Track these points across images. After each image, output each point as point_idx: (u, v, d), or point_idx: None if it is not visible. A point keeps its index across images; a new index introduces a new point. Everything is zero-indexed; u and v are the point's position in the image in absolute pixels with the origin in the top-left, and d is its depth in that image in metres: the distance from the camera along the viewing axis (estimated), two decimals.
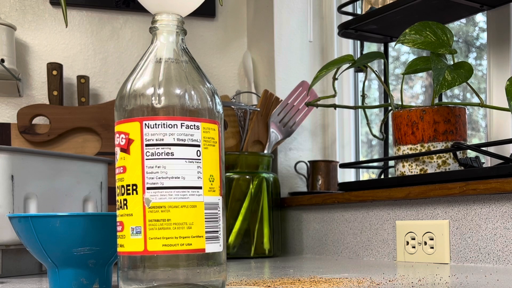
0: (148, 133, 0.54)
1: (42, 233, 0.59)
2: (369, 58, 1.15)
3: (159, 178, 0.54)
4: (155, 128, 0.54)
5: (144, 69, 0.56)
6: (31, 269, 0.95)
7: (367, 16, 1.24)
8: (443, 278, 0.74)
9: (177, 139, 0.54)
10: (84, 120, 1.42)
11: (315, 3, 1.58)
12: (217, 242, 0.56)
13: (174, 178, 0.54)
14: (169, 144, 0.54)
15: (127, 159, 0.55)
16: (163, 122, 0.54)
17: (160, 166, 0.54)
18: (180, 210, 0.54)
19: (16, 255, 0.93)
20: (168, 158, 0.54)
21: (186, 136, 0.55)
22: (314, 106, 1.29)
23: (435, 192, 0.98)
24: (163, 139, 0.54)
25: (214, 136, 0.57)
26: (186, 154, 0.55)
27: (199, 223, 0.55)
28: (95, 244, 0.61)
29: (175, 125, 0.54)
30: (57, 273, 0.62)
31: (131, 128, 0.55)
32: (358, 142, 1.58)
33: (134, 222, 0.54)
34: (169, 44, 0.58)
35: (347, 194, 1.18)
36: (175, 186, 0.54)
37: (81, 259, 0.61)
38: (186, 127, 0.55)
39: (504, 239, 0.89)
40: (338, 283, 0.70)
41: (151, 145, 0.54)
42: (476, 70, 1.30)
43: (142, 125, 0.54)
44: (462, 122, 1.04)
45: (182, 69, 0.57)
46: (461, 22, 1.38)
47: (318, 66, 1.56)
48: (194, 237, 0.55)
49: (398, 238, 1.06)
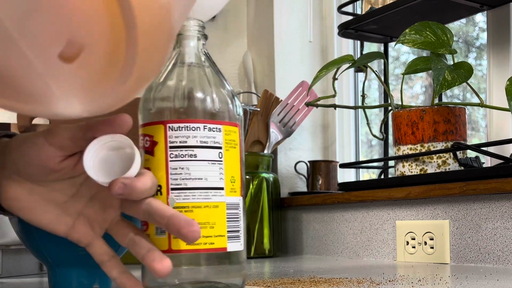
0: (172, 136, 0.56)
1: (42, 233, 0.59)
2: (369, 58, 1.15)
3: (183, 179, 0.56)
4: (179, 130, 0.56)
5: (167, 73, 0.58)
6: (31, 269, 0.95)
7: (367, 16, 1.24)
8: (443, 278, 0.74)
9: (200, 141, 0.56)
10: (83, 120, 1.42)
11: (315, 3, 1.58)
12: (238, 242, 0.58)
13: (197, 179, 0.56)
14: (192, 146, 0.56)
15: (151, 160, 0.57)
16: (186, 125, 0.56)
17: (183, 168, 0.56)
18: (203, 210, 0.56)
19: (16, 255, 0.93)
20: (192, 160, 0.56)
21: (208, 138, 0.56)
22: (314, 106, 1.29)
23: (435, 192, 0.98)
24: (186, 141, 0.56)
25: (235, 139, 0.59)
26: (208, 156, 0.56)
27: (221, 223, 0.57)
28: None
29: (198, 127, 0.56)
30: (57, 273, 0.62)
31: (155, 131, 0.56)
32: (358, 142, 1.58)
33: None
34: (191, 49, 0.59)
35: (347, 194, 1.18)
36: (198, 187, 0.56)
37: (81, 259, 0.61)
38: (209, 129, 0.56)
39: (504, 239, 0.89)
40: (338, 283, 0.70)
41: (175, 147, 0.56)
42: (476, 70, 1.30)
43: (166, 127, 0.56)
44: (462, 122, 1.04)
45: (204, 73, 0.58)
46: (461, 22, 1.38)
47: (318, 66, 1.56)
48: (216, 236, 0.56)
49: (398, 238, 1.06)
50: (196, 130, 0.56)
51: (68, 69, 0.38)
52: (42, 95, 0.40)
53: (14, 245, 0.90)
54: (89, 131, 0.51)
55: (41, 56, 0.37)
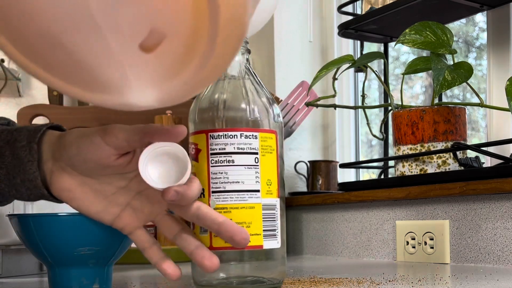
0: (212, 143, 0.62)
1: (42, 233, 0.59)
2: (369, 58, 1.15)
3: (222, 183, 0.61)
4: (218, 138, 0.62)
5: (214, 85, 0.64)
6: (31, 269, 0.95)
7: (367, 16, 1.24)
8: (443, 278, 0.74)
9: (237, 148, 0.62)
10: (84, 120, 1.42)
11: (315, 3, 1.58)
12: (274, 240, 0.63)
13: (235, 183, 0.61)
14: (230, 153, 0.61)
15: (196, 166, 0.63)
16: (225, 133, 0.62)
17: (222, 172, 0.61)
18: (240, 211, 0.61)
19: (16, 255, 0.93)
20: (229, 165, 0.61)
21: (245, 145, 0.62)
22: (314, 106, 1.29)
23: (435, 192, 0.98)
24: (225, 148, 0.61)
25: (271, 144, 0.64)
26: (245, 161, 0.62)
27: (257, 223, 0.62)
28: (96, 244, 0.61)
29: (235, 135, 0.62)
30: (57, 273, 0.62)
31: (199, 139, 0.62)
32: (358, 142, 1.58)
33: None
34: (235, 63, 0.65)
35: (347, 194, 1.18)
36: (235, 189, 0.61)
37: (81, 259, 0.61)
38: (245, 137, 0.62)
39: (504, 239, 0.89)
40: (338, 283, 0.70)
41: (215, 154, 0.62)
42: (476, 70, 1.30)
43: (207, 136, 0.62)
44: (462, 122, 1.04)
45: (243, 85, 0.64)
46: (461, 22, 1.38)
47: (318, 66, 1.56)
48: (253, 235, 0.61)
49: (398, 238, 1.06)
50: (233, 138, 0.61)
51: (146, 59, 0.39)
52: (117, 84, 0.41)
53: (14, 245, 0.90)
54: (147, 136, 0.53)
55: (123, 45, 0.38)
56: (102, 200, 0.56)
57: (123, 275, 0.90)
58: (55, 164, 0.56)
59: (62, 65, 0.40)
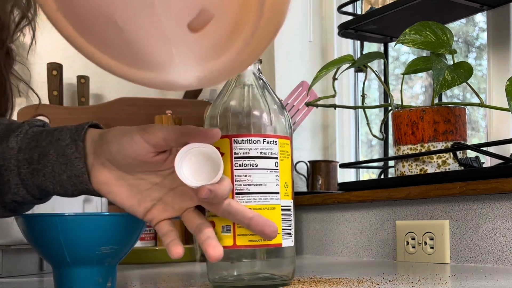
0: (236, 148, 0.65)
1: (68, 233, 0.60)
2: (369, 58, 1.15)
3: (246, 185, 0.65)
4: (242, 143, 0.65)
5: (230, 93, 0.68)
6: (31, 269, 0.95)
7: (367, 16, 1.24)
8: (443, 278, 0.74)
9: (260, 153, 0.66)
10: (84, 120, 1.42)
11: (315, 3, 1.58)
12: (290, 238, 0.67)
13: (258, 185, 0.65)
14: (253, 157, 0.65)
15: None
16: (249, 138, 0.65)
17: (246, 175, 0.65)
18: (262, 211, 0.65)
19: (16, 255, 0.93)
20: (253, 168, 0.65)
21: (267, 150, 0.66)
22: (314, 106, 1.29)
23: (435, 192, 0.98)
24: (248, 153, 0.65)
25: (287, 150, 0.68)
26: (267, 165, 0.66)
27: (277, 223, 0.65)
28: (116, 243, 0.63)
29: (259, 141, 0.66)
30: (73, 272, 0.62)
31: (222, 143, 0.65)
32: (358, 142, 1.58)
33: (224, 221, 0.64)
34: (249, 72, 0.69)
35: (347, 194, 1.18)
36: (258, 191, 0.65)
37: (101, 258, 0.62)
38: (267, 142, 0.66)
39: (504, 239, 0.89)
40: (338, 283, 0.70)
41: (239, 158, 0.65)
42: (476, 70, 1.30)
43: (231, 141, 0.65)
44: (462, 122, 1.04)
45: (260, 93, 0.68)
46: (461, 22, 1.38)
47: (318, 66, 1.56)
48: None
49: (398, 238, 1.06)
50: (256, 143, 0.65)
51: (192, 38, 0.41)
52: (162, 62, 0.43)
53: (14, 245, 0.90)
54: (184, 137, 0.56)
55: (173, 24, 0.39)
56: (137, 194, 0.59)
57: (123, 274, 0.90)
58: (95, 159, 0.59)
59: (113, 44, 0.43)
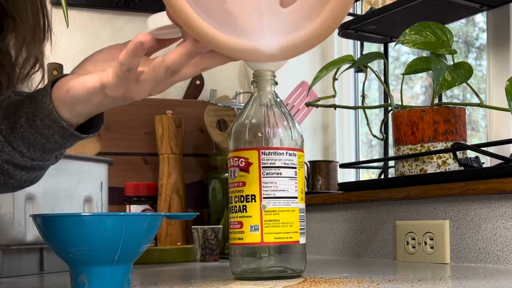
0: (264, 159, 0.77)
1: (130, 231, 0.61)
2: (369, 58, 1.15)
3: (272, 191, 0.77)
4: (269, 155, 0.77)
5: (254, 111, 0.80)
6: (31, 269, 0.95)
7: (367, 16, 1.24)
8: (443, 278, 0.74)
9: (284, 163, 0.78)
10: None
11: None
12: (304, 236, 0.79)
13: (282, 191, 0.77)
14: (279, 167, 0.77)
15: (246, 176, 0.77)
16: (275, 151, 0.78)
17: (272, 182, 0.77)
18: (285, 213, 0.77)
19: (16, 255, 0.93)
20: (278, 176, 0.77)
21: (289, 161, 0.78)
22: (314, 106, 1.29)
23: (435, 192, 0.98)
24: (275, 163, 0.77)
25: (302, 160, 0.81)
26: (289, 173, 0.78)
27: (296, 223, 0.78)
28: (150, 241, 0.66)
29: (283, 153, 0.78)
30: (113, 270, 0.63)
31: (250, 155, 0.77)
32: (358, 142, 1.58)
33: (252, 221, 0.76)
34: (267, 93, 0.81)
35: (347, 194, 1.18)
36: (282, 196, 0.77)
37: (136, 256, 0.65)
38: (289, 154, 0.79)
39: (504, 239, 0.89)
40: (338, 283, 0.70)
41: (267, 167, 0.77)
42: (476, 70, 1.30)
43: (259, 152, 0.77)
44: (462, 122, 1.04)
45: (280, 112, 0.80)
46: (461, 22, 1.38)
47: (318, 66, 1.56)
48: (294, 232, 0.78)
49: (398, 238, 1.06)
50: (281, 155, 0.78)
51: (283, 12, 0.50)
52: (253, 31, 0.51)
53: (14, 245, 0.90)
54: None
55: None
56: None
57: None
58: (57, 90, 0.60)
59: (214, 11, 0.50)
